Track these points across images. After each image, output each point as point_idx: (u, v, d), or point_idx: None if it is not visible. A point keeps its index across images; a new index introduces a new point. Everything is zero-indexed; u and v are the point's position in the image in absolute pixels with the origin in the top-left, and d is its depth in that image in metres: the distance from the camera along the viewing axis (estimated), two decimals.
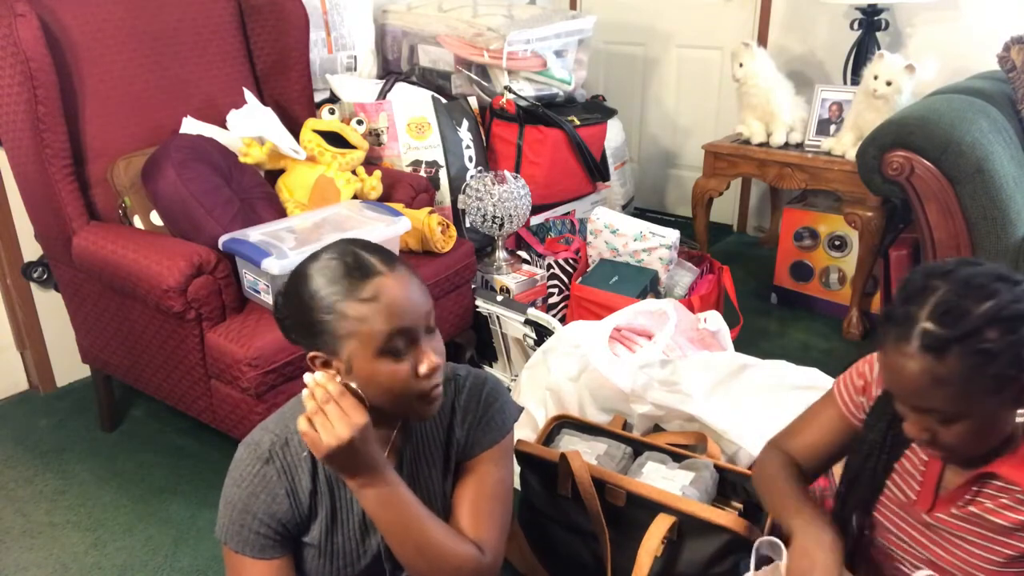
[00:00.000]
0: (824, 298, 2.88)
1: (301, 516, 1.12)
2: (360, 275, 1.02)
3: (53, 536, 1.87)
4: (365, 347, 1.01)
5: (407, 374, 1.03)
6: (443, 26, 2.76)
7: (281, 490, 1.10)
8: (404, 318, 1.02)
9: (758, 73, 2.74)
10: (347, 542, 1.14)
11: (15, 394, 2.44)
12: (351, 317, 1.01)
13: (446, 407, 1.20)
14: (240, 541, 1.09)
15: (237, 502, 1.10)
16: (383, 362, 1.02)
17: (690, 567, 1.43)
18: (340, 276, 1.02)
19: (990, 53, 2.35)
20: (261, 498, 1.09)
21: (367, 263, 1.03)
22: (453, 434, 1.19)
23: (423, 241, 2.18)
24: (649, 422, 1.78)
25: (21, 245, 2.30)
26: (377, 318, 1.01)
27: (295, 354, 1.77)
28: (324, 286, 1.02)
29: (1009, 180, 1.96)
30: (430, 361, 1.04)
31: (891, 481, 1.13)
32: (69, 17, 1.94)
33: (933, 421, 0.96)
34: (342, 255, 1.04)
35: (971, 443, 0.97)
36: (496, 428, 1.20)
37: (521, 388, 1.98)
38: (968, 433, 0.95)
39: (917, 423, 0.97)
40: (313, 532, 1.13)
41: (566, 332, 1.96)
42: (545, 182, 2.71)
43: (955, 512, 1.06)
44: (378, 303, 1.01)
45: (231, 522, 1.10)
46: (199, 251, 1.77)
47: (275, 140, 2.15)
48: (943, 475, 1.08)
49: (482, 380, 1.23)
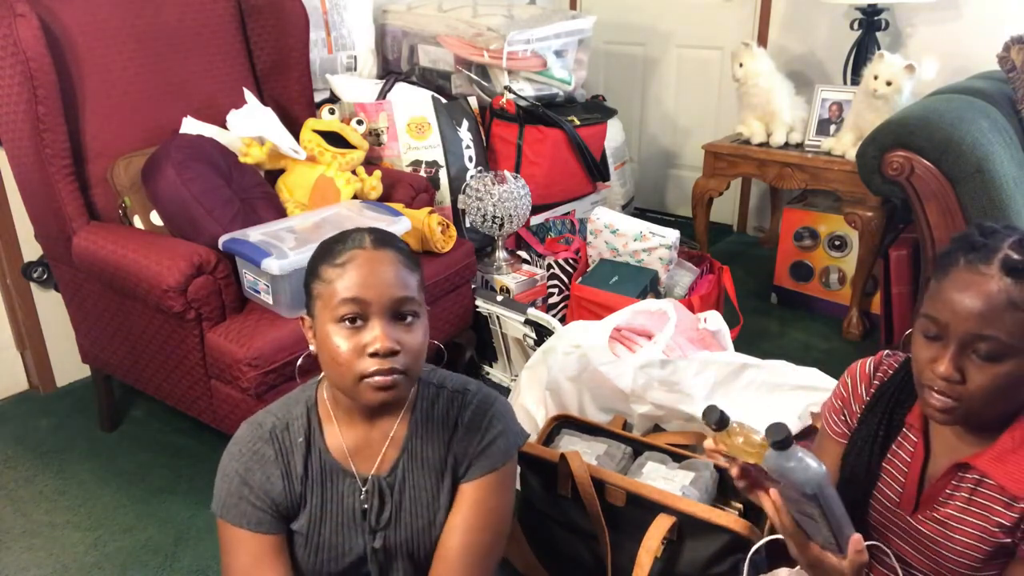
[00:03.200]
0: (824, 298, 2.88)
1: (293, 499, 1.13)
2: (343, 245, 1.08)
3: (53, 536, 1.87)
4: (325, 309, 1.06)
5: (352, 348, 1.04)
6: (443, 26, 2.76)
7: (276, 470, 1.13)
8: (364, 290, 1.04)
9: (758, 73, 2.74)
10: (334, 536, 1.15)
11: (15, 394, 2.44)
12: (323, 279, 1.07)
13: (450, 421, 1.18)
14: (237, 514, 1.11)
15: (234, 475, 1.12)
16: (337, 328, 1.05)
17: (690, 567, 1.43)
18: (334, 242, 1.09)
19: (990, 53, 2.35)
20: (257, 474, 1.12)
21: (357, 237, 1.09)
22: (452, 448, 1.18)
23: (423, 241, 2.18)
24: (649, 422, 1.79)
25: (21, 245, 2.30)
26: (339, 282, 1.05)
27: (295, 354, 1.77)
28: (319, 252, 1.10)
29: (1009, 180, 1.96)
30: (380, 343, 1.03)
31: (881, 482, 1.14)
32: (69, 17, 1.94)
33: (972, 359, 0.95)
34: (353, 232, 1.11)
35: (996, 393, 0.96)
36: (496, 454, 1.17)
37: (521, 388, 1.98)
38: (1002, 378, 0.95)
39: (954, 360, 0.96)
40: (301, 520, 1.14)
41: (566, 332, 1.96)
42: (545, 182, 2.71)
43: (936, 516, 1.07)
44: (343, 269, 1.05)
45: (228, 494, 1.12)
46: (199, 251, 1.77)
47: (275, 140, 2.15)
48: (924, 473, 1.09)
49: (490, 402, 1.20)
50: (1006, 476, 1.00)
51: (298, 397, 1.19)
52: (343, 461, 1.15)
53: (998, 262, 0.94)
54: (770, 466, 0.90)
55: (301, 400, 1.18)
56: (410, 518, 1.17)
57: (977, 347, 0.95)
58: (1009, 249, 0.94)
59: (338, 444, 1.15)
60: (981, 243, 0.96)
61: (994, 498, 1.02)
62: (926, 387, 1.00)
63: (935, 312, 0.98)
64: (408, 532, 1.17)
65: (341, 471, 1.15)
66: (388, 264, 1.07)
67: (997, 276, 0.93)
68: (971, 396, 0.96)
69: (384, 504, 1.16)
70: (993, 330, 0.93)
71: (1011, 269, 0.93)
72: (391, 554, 1.18)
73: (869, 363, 1.18)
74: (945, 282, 0.97)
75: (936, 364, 0.97)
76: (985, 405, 0.97)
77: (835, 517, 0.92)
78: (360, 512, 1.15)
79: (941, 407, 0.98)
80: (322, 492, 1.14)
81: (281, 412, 1.17)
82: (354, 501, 1.15)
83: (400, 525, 1.17)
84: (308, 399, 1.18)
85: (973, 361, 0.95)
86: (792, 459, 0.88)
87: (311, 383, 1.21)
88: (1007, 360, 0.94)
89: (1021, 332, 0.93)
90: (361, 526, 1.16)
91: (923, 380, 1.00)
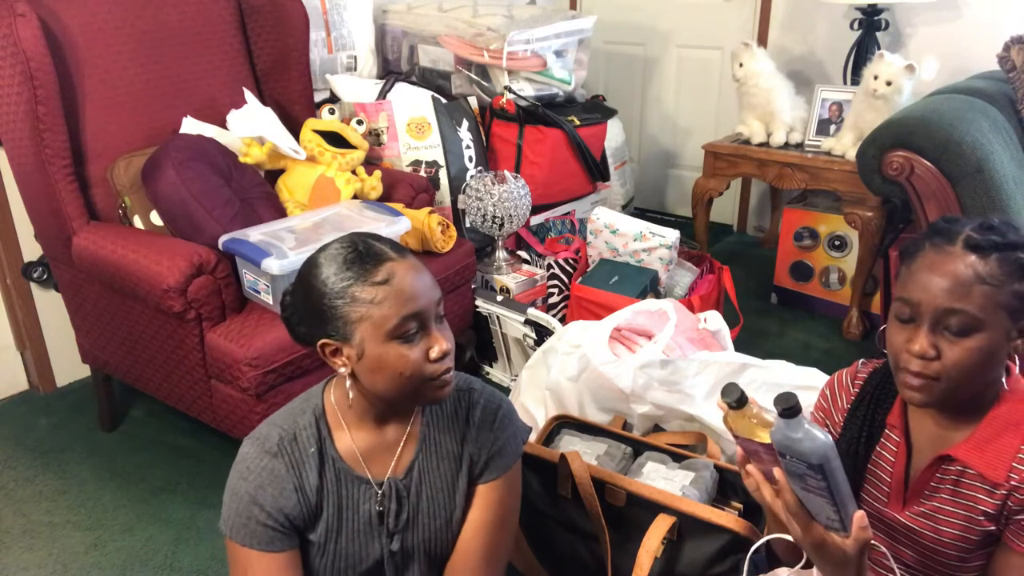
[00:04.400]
0: (824, 298, 2.88)
1: (308, 512, 1.11)
2: (372, 260, 1.04)
3: (53, 536, 1.87)
4: (377, 330, 1.02)
5: (419, 358, 1.04)
6: (443, 26, 2.76)
7: (289, 484, 1.10)
8: (417, 301, 1.03)
9: (758, 73, 2.74)
10: (350, 544, 1.14)
11: (15, 394, 2.44)
12: (363, 300, 1.02)
13: (460, 420, 1.20)
14: (247, 534, 1.09)
15: (244, 495, 1.09)
16: (394, 346, 1.03)
17: (690, 567, 1.43)
18: (352, 262, 1.04)
19: (990, 53, 2.35)
20: (269, 491, 1.09)
21: (378, 249, 1.05)
22: (466, 448, 1.19)
23: (423, 241, 2.18)
24: (649, 422, 1.78)
25: (21, 245, 2.30)
26: (390, 301, 1.02)
27: (295, 354, 1.77)
28: (336, 272, 1.04)
29: (1009, 180, 1.96)
30: (441, 345, 1.05)
31: (867, 483, 1.16)
32: (69, 17, 1.94)
33: (945, 336, 0.99)
34: (353, 244, 1.06)
35: (970, 368, 0.99)
36: (509, 454, 1.21)
37: (521, 388, 1.98)
38: (975, 351, 0.98)
39: (928, 337, 1.00)
40: (319, 530, 1.13)
41: (566, 332, 1.96)
42: (545, 182, 2.71)
43: (923, 510, 1.09)
44: (390, 286, 1.02)
45: (237, 515, 1.10)
46: (199, 251, 1.77)
47: (275, 140, 2.15)
48: (909, 469, 1.12)
49: (496, 402, 1.23)
50: (984, 464, 1.04)
51: (303, 406, 1.16)
52: (357, 467, 1.14)
53: (961, 241, 1.00)
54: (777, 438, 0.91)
55: (307, 409, 1.15)
56: (427, 519, 1.17)
57: (948, 323, 0.99)
58: (971, 231, 1.00)
59: (350, 450, 1.13)
60: (945, 228, 1.03)
61: (977, 487, 1.05)
62: (903, 370, 1.03)
63: (906, 293, 1.02)
64: (426, 533, 1.17)
65: (356, 477, 1.14)
66: (421, 270, 1.07)
67: (962, 254, 0.99)
68: (947, 372, 1.00)
69: (401, 507, 1.16)
70: (963, 303, 0.98)
71: (974, 246, 0.99)
72: (408, 555, 1.18)
73: (845, 374, 1.22)
74: (913, 265, 1.03)
75: (911, 344, 1.01)
76: (961, 381, 1.01)
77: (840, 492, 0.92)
78: (377, 516, 1.15)
79: (919, 386, 1.02)
80: (338, 500, 1.13)
81: (287, 423, 1.14)
82: (370, 506, 1.14)
83: (418, 526, 1.17)
84: (315, 408, 1.15)
85: (946, 337, 0.99)
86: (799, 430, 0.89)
87: (314, 391, 1.18)
88: (977, 333, 0.98)
89: (990, 305, 0.98)
90: (378, 530, 1.15)
91: (900, 363, 1.03)
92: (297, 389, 1.78)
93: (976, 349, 0.98)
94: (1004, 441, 1.03)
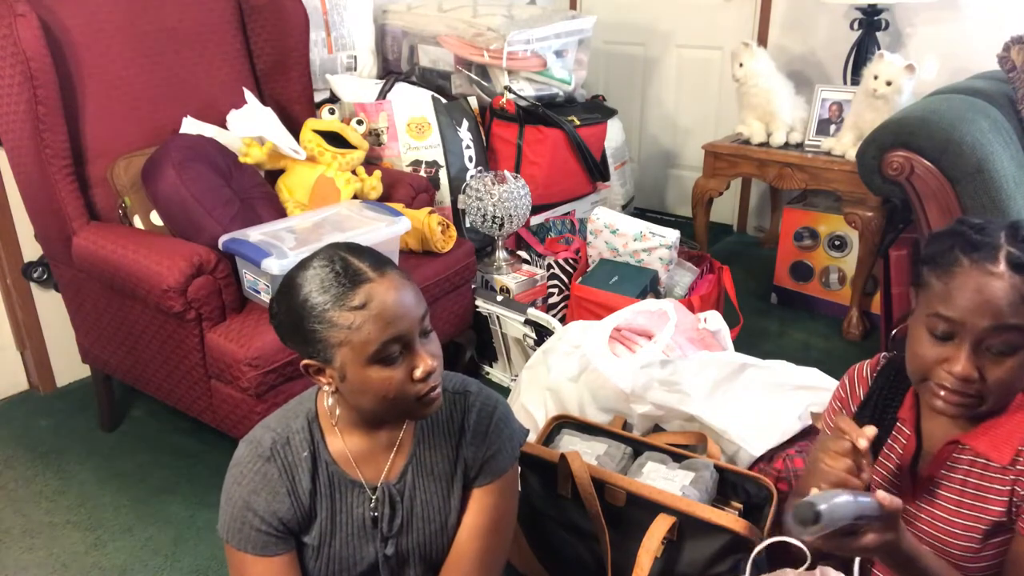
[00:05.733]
0: (824, 298, 2.88)
1: (302, 515, 1.11)
2: (350, 282, 0.99)
3: (53, 536, 1.87)
4: (358, 355, 1.00)
5: (402, 379, 1.02)
6: (443, 26, 2.76)
7: (282, 488, 1.09)
8: (397, 325, 1.00)
9: (758, 73, 2.74)
10: (344, 547, 1.14)
11: (15, 394, 2.44)
12: (341, 326, 0.99)
13: (455, 424, 1.19)
14: (242, 539, 1.09)
15: (238, 499, 1.09)
16: (376, 369, 1.01)
17: (690, 567, 1.43)
18: (330, 284, 1.00)
19: (990, 53, 2.34)
20: (262, 496, 1.09)
21: (356, 269, 1.01)
22: (461, 452, 1.18)
23: (423, 241, 2.18)
24: (649, 422, 1.78)
25: (21, 245, 2.30)
26: (368, 326, 0.98)
27: (295, 354, 1.77)
28: (313, 294, 1.00)
29: (1009, 180, 1.96)
30: (425, 365, 1.03)
31: (878, 475, 1.16)
32: (69, 17, 1.94)
33: (988, 357, 0.99)
34: (331, 262, 1.02)
35: (1012, 384, 1.00)
36: (505, 457, 1.20)
37: (521, 388, 1.98)
38: (1017, 369, 0.99)
39: (971, 360, 0.99)
40: (313, 533, 1.13)
41: (566, 332, 1.96)
42: (545, 182, 2.71)
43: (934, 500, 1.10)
44: (368, 311, 0.99)
45: (232, 519, 1.10)
46: (199, 251, 1.77)
47: (275, 140, 2.15)
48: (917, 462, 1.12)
49: (492, 405, 1.21)
50: (990, 446, 1.04)
51: (296, 410, 1.15)
52: (350, 471, 1.13)
53: (1004, 260, 0.97)
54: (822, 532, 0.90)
55: (300, 413, 1.14)
56: (422, 523, 1.17)
57: (991, 343, 0.98)
58: (1008, 245, 0.98)
59: (343, 454, 1.13)
60: (980, 242, 1.00)
61: (985, 475, 1.06)
62: (936, 385, 1.02)
63: (948, 311, 1.00)
64: (420, 537, 1.17)
65: (349, 481, 1.13)
66: (400, 286, 1.02)
67: (1007, 274, 0.97)
68: (989, 392, 1.00)
69: (395, 511, 1.15)
70: (1012, 323, 0.97)
71: (1018, 266, 0.97)
72: (403, 559, 1.18)
73: (866, 366, 1.22)
74: (953, 283, 1.00)
75: (950, 364, 1.00)
76: (1000, 397, 1.01)
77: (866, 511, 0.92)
78: (371, 521, 1.14)
79: (957, 402, 1.01)
80: (331, 504, 1.13)
81: (280, 427, 1.13)
82: (364, 510, 1.14)
83: (412, 531, 1.16)
84: (308, 412, 1.14)
85: (988, 357, 0.99)
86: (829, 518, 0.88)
87: (308, 394, 1.17)
88: (1019, 352, 0.99)
89: None
90: (372, 534, 1.15)
91: (933, 379, 1.03)
92: (297, 389, 1.78)
93: (1018, 366, 0.99)
94: (1012, 424, 1.04)
